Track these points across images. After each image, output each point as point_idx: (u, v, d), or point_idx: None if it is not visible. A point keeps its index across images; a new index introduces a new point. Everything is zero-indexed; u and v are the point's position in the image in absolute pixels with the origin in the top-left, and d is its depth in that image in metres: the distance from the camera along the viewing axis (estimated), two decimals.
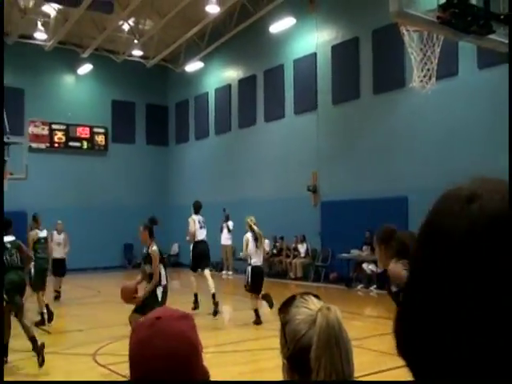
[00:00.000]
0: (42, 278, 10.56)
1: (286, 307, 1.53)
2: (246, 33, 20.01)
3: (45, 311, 10.35)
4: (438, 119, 13.91)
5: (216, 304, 10.79)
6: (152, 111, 24.54)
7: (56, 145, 22.20)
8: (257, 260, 10.25)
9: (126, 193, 23.13)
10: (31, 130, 21.63)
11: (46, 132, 21.98)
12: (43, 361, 7.27)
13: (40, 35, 20.59)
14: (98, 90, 23.37)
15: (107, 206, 22.27)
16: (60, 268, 12.96)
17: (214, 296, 10.87)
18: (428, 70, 7.77)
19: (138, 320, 1.44)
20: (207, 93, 22.74)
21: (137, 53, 22.83)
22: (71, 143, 22.52)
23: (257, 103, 20.16)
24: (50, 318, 10.45)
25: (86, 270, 20.79)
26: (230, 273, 19.20)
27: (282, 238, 18.27)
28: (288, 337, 1.49)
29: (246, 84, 20.68)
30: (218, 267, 20.40)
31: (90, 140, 22.99)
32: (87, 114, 22.77)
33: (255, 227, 10.24)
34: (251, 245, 10.17)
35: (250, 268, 10.24)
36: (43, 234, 10.78)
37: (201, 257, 11.45)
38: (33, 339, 7.42)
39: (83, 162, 22.64)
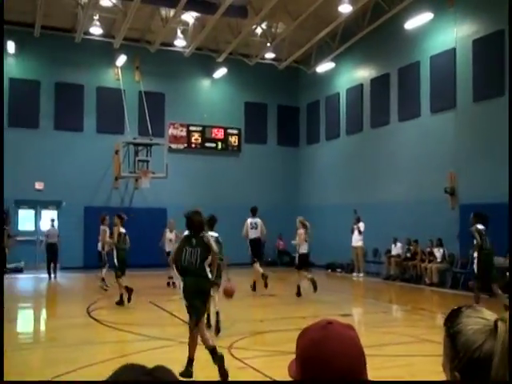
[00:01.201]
0: (124, 265, 12.65)
1: (453, 318, 1.47)
2: (379, 31, 19.56)
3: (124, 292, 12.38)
4: None
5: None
6: (283, 112, 24.83)
7: (193, 145, 23.24)
8: (304, 248, 14.03)
9: (257, 192, 23.59)
10: (171, 131, 22.86)
11: (183, 133, 23.11)
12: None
13: (179, 42, 21.67)
14: (232, 92, 24.10)
15: (239, 205, 22.83)
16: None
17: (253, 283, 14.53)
18: None
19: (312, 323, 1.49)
20: (338, 93, 22.53)
21: (269, 55, 23.24)
22: (207, 144, 23.46)
23: (390, 102, 19.61)
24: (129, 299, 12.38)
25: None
26: (361, 275, 18.87)
27: (416, 242, 17.58)
28: (460, 348, 1.41)
29: (379, 83, 20.20)
30: (348, 268, 20.16)
31: (224, 141, 23.78)
32: (222, 115, 23.59)
33: (307, 223, 14.07)
34: (302, 237, 13.84)
35: (297, 255, 14.25)
36: (123, 230, 12.70)
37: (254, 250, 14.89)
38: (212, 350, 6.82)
39: (217, 162, 23.48)
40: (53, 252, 18.33)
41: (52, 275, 18.07)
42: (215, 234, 9.61)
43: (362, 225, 18.51)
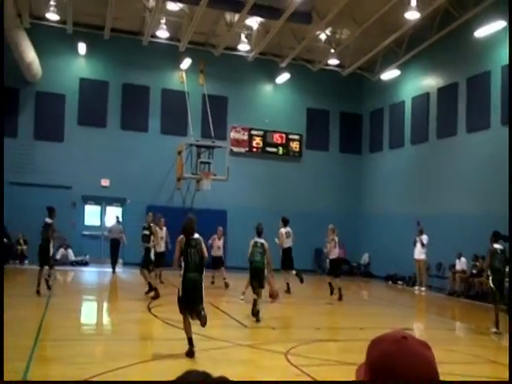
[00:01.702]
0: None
1: None
2: (448, 38, 19.09)
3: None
4: None
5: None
6: (346, 119, 24.63)
7: (254, 149, 23.38)
8: (334, 254, 15.09)
9: (317, 198, 23.48)
10: (233, 135, 23.07)
11: (245, 137, 23.28)
12: None
13: (243, 47, 21.87)
14: (294, 98, 24.10)
15: (299, 211, 22.77)
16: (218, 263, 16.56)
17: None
18: None
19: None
20: (403, 101, 22.13)
21: (333, 62, 23.10)
22: (268, 148, 23.54)
23: (458, 112, 19.07)
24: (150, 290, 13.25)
25: (278, 271, 21.48)
26: (423, 288, 18.21)
27: (483, 258, 16.96)
28: None
29: (446, 92, 19.70)
30: (409, 282, 19.64)
31: (286, 146, 23.79)
32: (283, 121, 23.62)
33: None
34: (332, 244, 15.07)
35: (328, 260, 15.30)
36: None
37: (288, 259, 15.36)
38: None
39: (278, 166, 23.51)
40: (114, 247, 18.97)
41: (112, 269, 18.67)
42: (261, 241, 11.13)
43: (425, 237, 18.00)
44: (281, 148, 23.73)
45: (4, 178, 19.39)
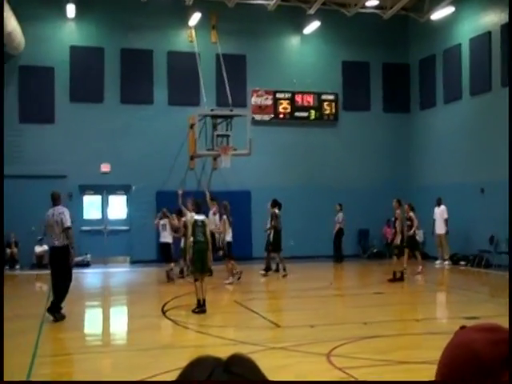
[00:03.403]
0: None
1: None
2: None
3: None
4: None
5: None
6: (390, 72, 24.33)
7: (280, 116, 23.31)
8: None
9: (359, 170, 23.32)
10: (254, 100, 23.01)
11: (269, 102, 23.18)
12: None
13: None
14: (326, 50, 23.88)
15: (338, 186, 22.67)
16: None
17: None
18: None
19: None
20: (459, 44, 21.71)
21: (371, 3, 22.71)
22: (297, 113, 23.42)
23: None
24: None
25: (314, 257, 21.53)
26: (446, 263, 19.40)
27: None
28: None
29: None
30: (474, 262, 19.68)
31: (318, 109, 23.62)
32: (314, 79, 23.43)
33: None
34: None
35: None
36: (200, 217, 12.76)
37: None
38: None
39: (310, 134, 23.39)
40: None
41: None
42: (201, 218, 12.00)
43: (443, 208, 19.35)
44: (313, 111, 23.58)
45: None
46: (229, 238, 16.36)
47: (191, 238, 11.81)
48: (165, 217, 17.12)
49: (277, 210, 17.93)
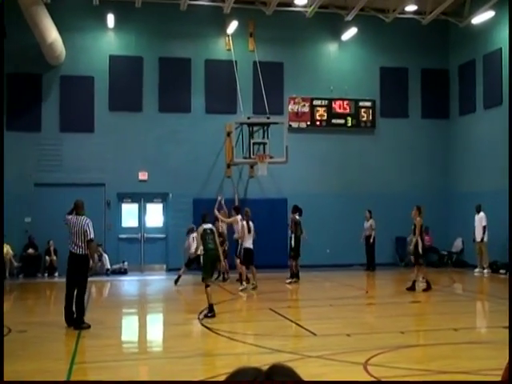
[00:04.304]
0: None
1: None
2: None
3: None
4: None
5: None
6: (429, 77, 24.07)
7: (317, 123, 23.21)
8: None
9: (397, 177, 23.12)
10: (291, 107, 22.98)
11: (306, 109, 23.12)
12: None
13: (300, 1, 21.72)
14: (364, 56, 23.76)
15: (375, 193, 22.50)
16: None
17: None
18: None
19: None
20: (500, 49, 21.36)
21: (410, 8, 22.53)
22: (334, 120, 23.30)
23: None
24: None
25: (352, 266, 21.41)
26: (485, 271, 19.12)
27: None
28: None
29: None
30: None
31: (356, 116, 23.48)
32: (352, 85, 23.30)
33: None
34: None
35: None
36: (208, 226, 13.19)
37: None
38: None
39: (347, 141, 23.27)
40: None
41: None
42: (209, 226, 12.54)
43: (482, 216, 18.20)
44: (350, 119, 23.44)
45: (27, 178, 20.30)
46: (248, 244, 16.26)
47: (201, 247, 12.54)
48: (191, 232, 17.86)
49: (297, 216, 17.81)
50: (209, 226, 12.46)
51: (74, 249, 11.10)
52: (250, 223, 16.28)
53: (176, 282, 17.62)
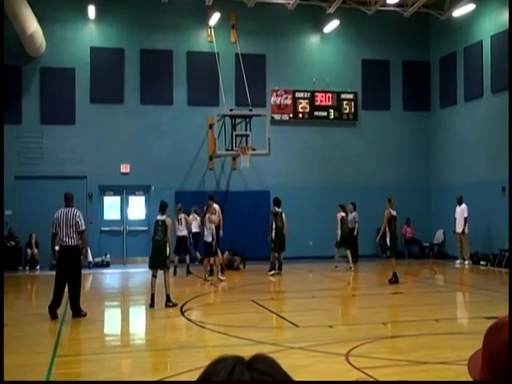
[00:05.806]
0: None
1: None
2: None
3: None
4: None
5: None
6: (410, 70, 24.20)
7: (300, 115, 23.26)
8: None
9: (378, 169, 23.24)
10: (273, 100, 22.99)
11: (288, 101, 23.15)
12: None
13: None
14: (346, 49, 23.80)
15: (357, 185, 22.59)
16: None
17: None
18: None
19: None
20: (481, 41, 21.52)
21: (392, 1, 22.54)
22: (316, 113, 23.35)
23: None
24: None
25: (332, 258, 21.50)
26: (467, 262, 19.46)
27: None
28: None
29: None
30: (494, 261, 19.54)
31: (338, 108, 23.55)
32: (334, 78, 23.36)
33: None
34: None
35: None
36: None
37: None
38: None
39: (329, 133, 23.32)
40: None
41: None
42: (162, 218, 12.88)
43: (464, 207, 18.63)
44: (332, 111, 23.50)
45: (7, 171, 20.08)
46: (208, 239, 16.51)
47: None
48: (180, 212, 17.99)
49: (277, 208, 17.79)
50: (163, 217, 12.78)
51: (65, 241, 10.99)
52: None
53: (174, 273, 17.39)
